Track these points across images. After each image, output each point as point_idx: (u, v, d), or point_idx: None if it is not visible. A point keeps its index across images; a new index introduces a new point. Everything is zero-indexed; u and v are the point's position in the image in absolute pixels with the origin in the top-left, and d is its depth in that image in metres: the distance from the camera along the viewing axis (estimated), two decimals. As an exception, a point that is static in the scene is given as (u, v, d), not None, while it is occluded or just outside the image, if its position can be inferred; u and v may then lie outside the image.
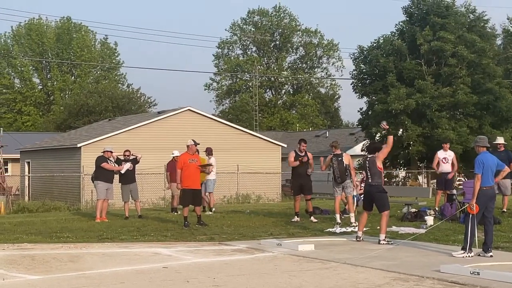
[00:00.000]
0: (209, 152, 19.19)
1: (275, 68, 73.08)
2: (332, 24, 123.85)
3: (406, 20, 40.38)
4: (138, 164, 18.10)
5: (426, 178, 38.81)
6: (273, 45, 74.05)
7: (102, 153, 17.40)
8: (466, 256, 10.00)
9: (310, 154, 16.11)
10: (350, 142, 46.44)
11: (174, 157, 19.60)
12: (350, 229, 13.93)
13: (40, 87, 71.85)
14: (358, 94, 41.30)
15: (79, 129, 42.34)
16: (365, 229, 12.64)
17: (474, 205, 10.09)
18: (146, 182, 26.49)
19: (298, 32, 73.77)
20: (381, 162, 12.13)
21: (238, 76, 72.48)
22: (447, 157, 17.11)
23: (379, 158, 12.07)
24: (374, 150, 12.29)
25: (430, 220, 14.60)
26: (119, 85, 71.91)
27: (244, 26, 74.66)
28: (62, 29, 71.09)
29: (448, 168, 16.99)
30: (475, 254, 10.11)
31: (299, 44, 74.01)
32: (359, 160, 32.06)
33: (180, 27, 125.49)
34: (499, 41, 51.95)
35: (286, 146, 35.98)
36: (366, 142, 38.75)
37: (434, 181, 20.00)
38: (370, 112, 40.04)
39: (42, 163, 34.70)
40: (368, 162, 12.14)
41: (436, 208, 16.75)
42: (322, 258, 10.08)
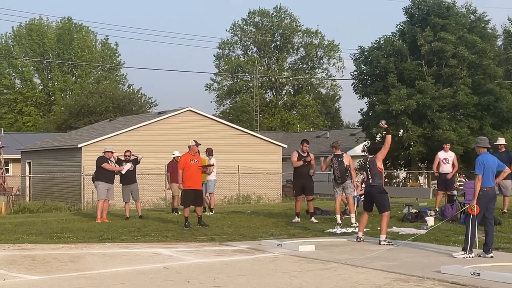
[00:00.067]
0: (209, 152, 19.20)
1: (276, 68, 73.06)
2: (332, 24, 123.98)
3: (406, 20, 40.33)
4: (138, 164, 18.10)
5: (426, 179, 38.78)
6: (273, 45, 74.04)
7: (103, 153, 17.40)
8: (467, 257, 10.00)
9: (312, 155, 16.13)
10: (351, 142, 46.40)
11: (174, 157, 19.63)
12: (350, 229, 13.94)
13: (41, 88, 71.88)
14: (358, 94, 41.28)
15: (80, 129, 42.35)
16: (365, 229, 12.64)
17: (475, 206, 10.09)
18: (147, 183, 26.50)
19: (299, 32, 73.78)
20: (381, 162, 12.12)
21: (239, 76, 72.50)
22: (448, 157, 17.09)
23: (378, 158, 12.07)
24: (375, 151, 12.29)
25: (430, 220, 14.61)
26: (120, 85, 71.94)
27: (244, 27, 74.69)
28: (63, 29, 71.13)
29: (448, 169, 16.99)
30: (476, 255, 10.11)
31: (300, 44, 74.05)
32: (360, 160, 32.06)
33: (180, 28, 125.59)
34: (500, 42, 51.95)
35: (286, 146, 36.00)
36: (367, 142, 38.70)
37: (435, 181, 19.96)
38: (370, 112, 40.00)
39: (43, 164, 34.70)
40: (368, 162, 12.14)
41: (436, 208, 16.74)
42: (322, 259, 10.09)
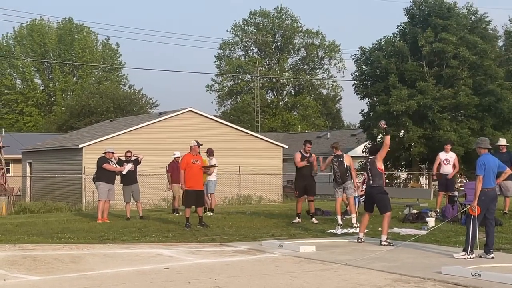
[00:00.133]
0: (210, 153, 19.21)
1: (277, 69, 73.06)
2: (333, 25, 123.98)
3: (407, 21, 40.31)
4: (139, 165, 18.11)
5: (427, 180, 38.77)
6: (274, 46, 74.02)
7: (104, 154, 17.41)
8: (468, 257, 9.99)
9: (314, 155, 16.14)
10: (352, 143, 46.39)
11: (175, 158, 19.64)
12: (351, 230, 13.95)
13: (41, 88, 71.92)
14: (359, 95, 41.24)
15: (81, 130, 42.35)
16: (366, 230, 12.64)
17: (476, 206, 10.08)
18: (148, 183, 26.51)
19: (300, 33, 73.77)
20: (381, 163, 12.12)
21: (240, 77, 72.50)
22: (449, 158, 17.08)
23: (378, 159, 12.06)
24: (375, 152, 12.29)
25: (431, 221, 14.60)
26: (121, 86, 71.96)
27: (245, 27, 74.69)
28: (64, 30, 71.16)
29: (449, 169, 16.97)
30: (477, 255, 10.11)
31: (301, 45, 74.04)
32: (361, 161, 32.04)
33: (181, 28, 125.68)
34: (501, 42, 51.94)
35: (287, 147, 36.00)
36: (368, 143, 38.70)
37: (436, 182, 19.94)
38: (371, 113, 39.98)
39: (44, 164, 34.70)
40: (369, 163, 12.14)
41: (437, 209, 16.73)
42: (323, 260, 10.09)
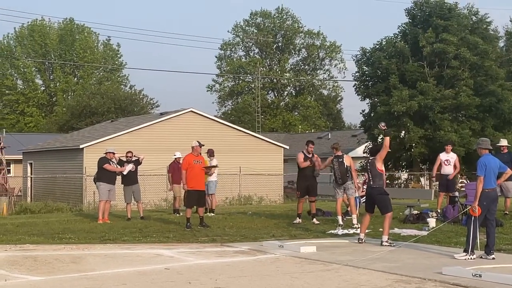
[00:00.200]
0: (210, 153, 19.20)
1: (278, 69, 73.08)
2: (334, 25, 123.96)
3: (408, 22, 40.31)
4: (140, 165, 18.10)
5: (428, 180, 38.75)
6: (275, 46, 74.03)
7: (105, 154, 17.41)
8: (468, 258, 9.99)
9: (316, 156, 16.13)
10: (353, 144, 46.39)
11: (176, 158, 19.65)
12: (352, 231, 13.94)
13: (42, 88, 71.95)
14: (360, 96, 41.24)
15: (82, 130, 42.36)
16: (367, 231, 12.64)
17: (477, 207, 10.08)
18: (148, 184, 26.49)
19: (301, 33, 73.78)
20: (381, 164, 12.11)
21: (241, 77, 72.51)
22: (450, 159, 17.06)
23: (378, 160, 12.06)
24: (376, 152, 12.29)
25: (432, 222, 14.59)
26: (122, 86, 72.01)
27: (246, 28, 74.72)
28: (64, 30, 71.21)
29: (450, 170, 16.96)
30: (477, 256, 10.10)
31: (302, 45, 74.06)
32: (361, 162, 32.04)
33: (181, 29, 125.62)
34: (502, 43, 51.93)
35: (288, 147, 36.00)
36: (368, 144, 38.68)
37: (437, 183, 19.92)
38: (372, 114, 39.98)
39: (45, 164, 34.71)
40: (369, 164, 12.14)
41: (438, 210, 16.71)
42: (324, 260, 10.08)
